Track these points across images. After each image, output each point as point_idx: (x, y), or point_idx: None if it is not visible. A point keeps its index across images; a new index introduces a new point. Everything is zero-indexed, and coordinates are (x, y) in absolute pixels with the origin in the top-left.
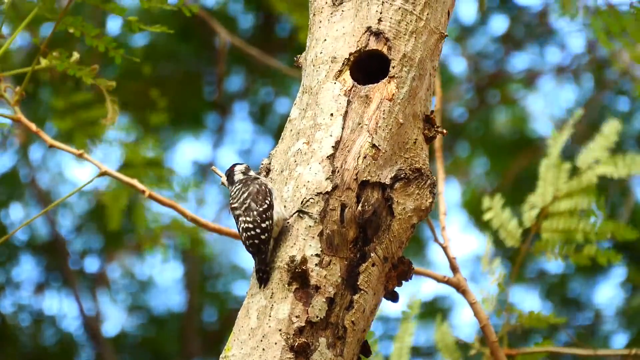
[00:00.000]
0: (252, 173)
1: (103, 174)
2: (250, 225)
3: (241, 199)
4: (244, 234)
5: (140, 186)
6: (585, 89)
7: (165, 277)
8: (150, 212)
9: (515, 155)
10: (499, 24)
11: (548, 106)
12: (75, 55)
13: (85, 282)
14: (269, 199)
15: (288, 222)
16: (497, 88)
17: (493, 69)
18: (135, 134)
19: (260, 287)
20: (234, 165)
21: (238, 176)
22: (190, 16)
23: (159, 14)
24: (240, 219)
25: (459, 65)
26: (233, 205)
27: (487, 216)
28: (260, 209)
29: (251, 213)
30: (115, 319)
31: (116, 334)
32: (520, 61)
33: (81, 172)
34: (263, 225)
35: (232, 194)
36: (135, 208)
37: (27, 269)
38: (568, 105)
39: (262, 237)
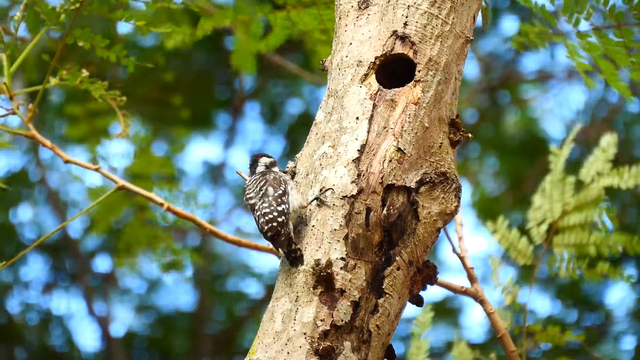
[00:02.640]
0: (276, 169)
1: (120, 188)
2: (267, 210)
3: (257, 188)
4: (262, 220)
5: (158, 199)
6: (596, 90)
7: (174, 277)
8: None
9: (526, 156)
10: (510, 25)
11: (558, 107)
12: (85, 73)
13: (94, 282)
14: (284, 185)
15: (306, 210)
16: (508, 89)
17: (504, 70)
18: (146, 135)
19: (296, 267)
20: (261, 155)
21: (260, 168)
22: (200, 15)
23: (168, 15)
24: (255, 207)
25: (470, 67)
26: (248, 196)
27: (494, 238)
28: (276, 194)
29: (267, 199)
30: (123, 319)
31: (125, 334)
32: (531, 62)
33: (92, 174)
34: (279, 208)
35: (249, 183)
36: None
37: (35, 268)
38: (578, 107)
39: (280, 219)
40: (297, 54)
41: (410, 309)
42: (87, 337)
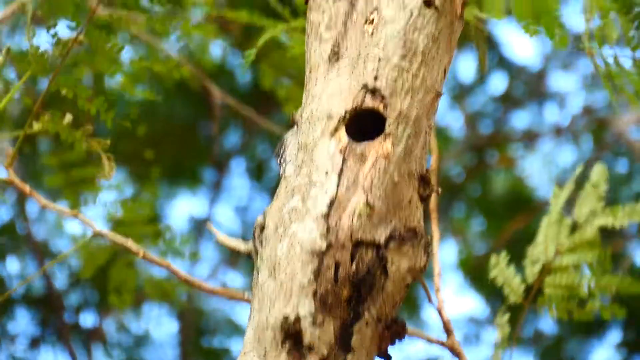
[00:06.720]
0: None
1: (96, 234)
2: None
3: None
4: None
5: (135, 247)
6: (584, 150)
7: (161, 332)
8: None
9: (513, 215)
10: (498, 82)
11: (546, 166)
12: (68, 117)
13: (80, 337)
14: None
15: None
16: (496, 148)
17: (491, 129)
18: (130, 191)
19: None
20: None
21: None
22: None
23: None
24: None
25: (456, 124)
26: None
27: (493, 273)
28: None
29: None
30: None
31: None
32: (519, 120)
33: (78, 225)
34: None
35: None
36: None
37: (22, 322)
38: (566, 166)
39: None
40: (281, 115)
41: None
42: None
